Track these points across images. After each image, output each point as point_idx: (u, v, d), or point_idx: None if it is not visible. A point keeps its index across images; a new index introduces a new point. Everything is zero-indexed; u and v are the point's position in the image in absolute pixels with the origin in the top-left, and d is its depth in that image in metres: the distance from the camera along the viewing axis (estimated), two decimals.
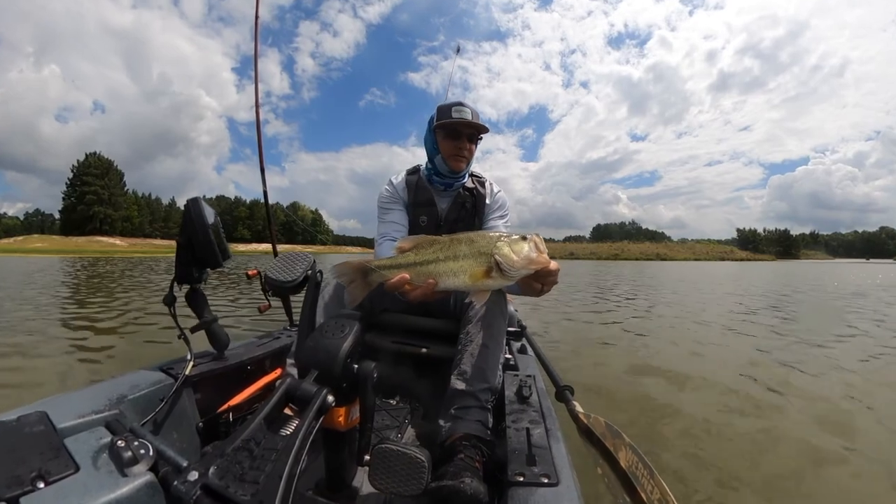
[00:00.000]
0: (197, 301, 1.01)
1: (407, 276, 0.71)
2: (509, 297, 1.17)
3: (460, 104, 1.15)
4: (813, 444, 1.49)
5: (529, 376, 1.00)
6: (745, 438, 1.52)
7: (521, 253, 0.68)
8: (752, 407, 1.82)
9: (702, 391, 2.02)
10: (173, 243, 0.94)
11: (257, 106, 1.84)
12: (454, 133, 1.16)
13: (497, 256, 0.68)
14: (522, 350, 1.32)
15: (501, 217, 1.28)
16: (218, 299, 4.96)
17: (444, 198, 1.26)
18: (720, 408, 1.82)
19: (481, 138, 1.22)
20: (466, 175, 1.26)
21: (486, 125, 1.17)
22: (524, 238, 0.70)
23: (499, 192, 1.31)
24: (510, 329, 1.41)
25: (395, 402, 1.15)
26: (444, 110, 1.16)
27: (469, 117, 1.15)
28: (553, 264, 0.70)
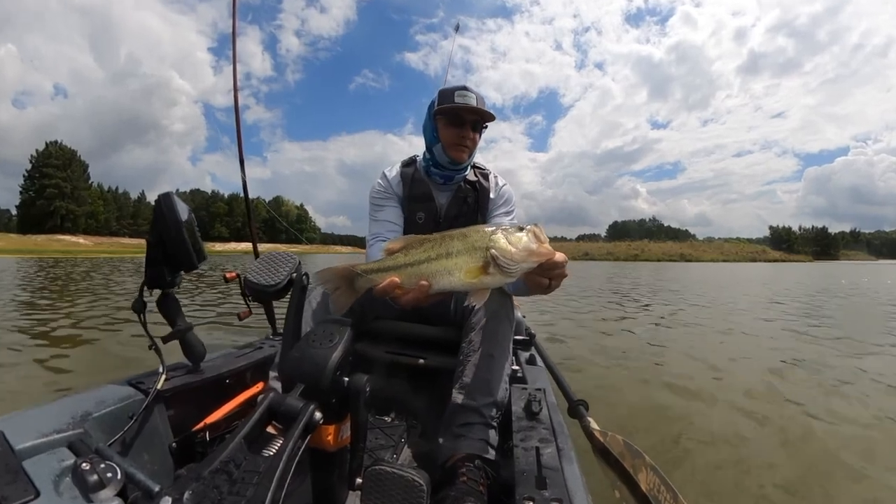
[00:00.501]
0: (169, 307, 1.01)
1: (397, 279, 0.71)
2: (517, 301, 1.17)
3: (464, 88, 1.16)
4: (856, 470, 1.49)
5: (539, 390, 1.00)
6: (780, 458, 1.53)
7: (520, 245, 0.68)
8: (786, 426, 1.82)
9: (731, 407, 2.02)
10: (143, 242, 0.94)
11: (235, 90, 1.84)
12: (457, 120, 1.16)
13: (493, 250, 0.68)
14: (531, 361, 1.32)
15: (507, 213, 1.28)
16: (193, 305, 4.96)
17: (444, 192, 1.26)
18: (751, 426, 1.82)
19: (486, 127, 1.22)
20: (468, 167, 1.26)
21: (492, 112, 1.17)
22: (521, 229, 0.70)
23: (504, 185, 1.31)
24: (517, 337, 1.41)
25: (389, 419, 1.15)
26: (447, 94, 1.16)
27: (474, 103, 1.15)
28: (559, 255, 0.70)
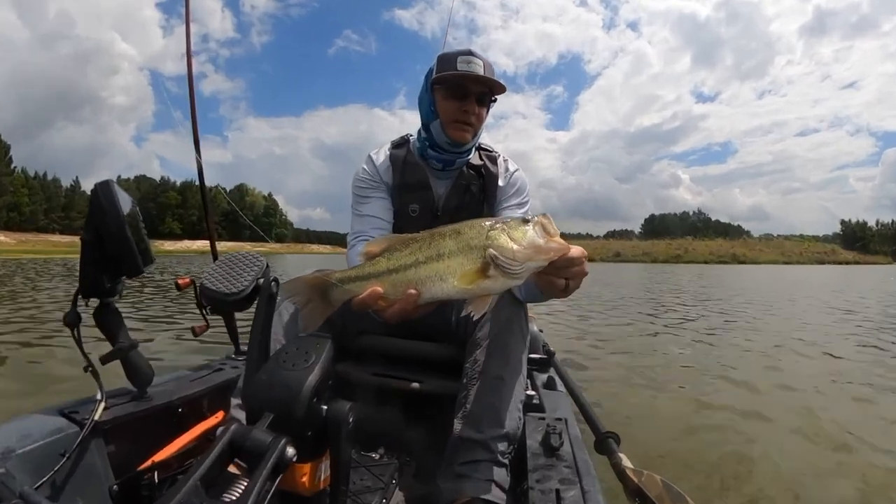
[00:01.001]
0: (109, 320, 1.01)
1: (379, 288, 0.71)
2: (532, 311, 1.17)
3: (469, 53, 1.16)
4: None
5: (559, 419, 1.01)
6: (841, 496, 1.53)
7: (523, 241, 0.67)
8: (855, 465, 1.83)
9: (791, 439, 2.03)
10: (76, 240, 0.95)
11: (189, 55, 1.84)
12: (458, 91, 1.16)
13: (492, 249, 0.67)
14: (550, 384, 1.33)
15: (520, 205, 1.29)
16: (137, 317, 4.97)
17: (443, 179, 1.26)
18: (816, 464, 1.82)
19: (495, 100, 1.22)
20: (473, 149, 1.27)
21: (502, 82, 1.17)
22: (526, 221, 0.69)
23: (515, 171, 1.32)
24: (533, 356, 1.42)
25: (377, 456, 1.15)
26: (448, 60, 1.16)
27: (480, 70, 1.15)
28: (574, 250, 0.69)
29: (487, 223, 0.71)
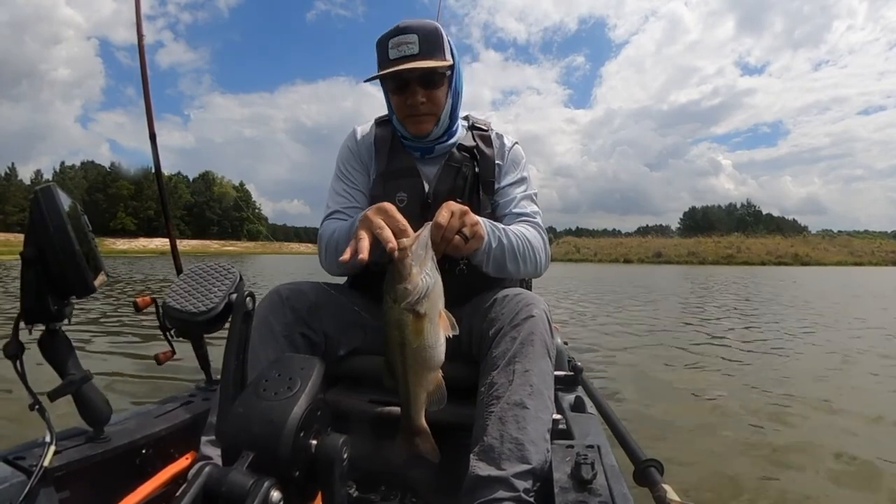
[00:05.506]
0: (57, 349, 1.02)
1: None
2: (557, 324, 1.17)
3: (400, 32, 1.15)
4: None
5: (591, 447, 1.01)
6: None
7: (403, 272, 0.83)
8: None
9: (860, 464, 2.02)
10: (10, 238, 0.95)
11: (138, 17, 1.80)
12: (399, 84, 1.20)
13: (402, 305, 0.83)
14: (578, 405, 1.33)
15: (519, 182, 1.32)
16: (89, 343, 4.98)
17: (430, 162, 1.30)
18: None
19: (449, 74, 1.22)
20: (453, 132, 1.31)
21: (442, 62, 1.16)
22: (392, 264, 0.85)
23: (514, 145, 1.37)
24: (559, 373, 1.42)
25: (378, 497, 1.15)
26: (381, 49, 1.19)
27: (415, 50, 1.14)
28: (439, 215, 0.91)
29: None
